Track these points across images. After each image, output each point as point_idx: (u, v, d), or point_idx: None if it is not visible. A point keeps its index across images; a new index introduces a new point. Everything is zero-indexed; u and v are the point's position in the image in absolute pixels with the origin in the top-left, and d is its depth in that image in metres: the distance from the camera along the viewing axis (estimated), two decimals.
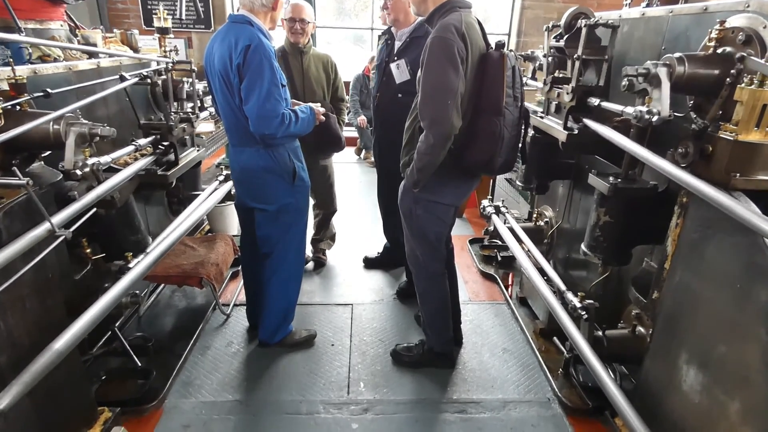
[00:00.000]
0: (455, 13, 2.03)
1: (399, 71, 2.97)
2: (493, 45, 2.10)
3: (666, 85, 1.69)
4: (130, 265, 2.17)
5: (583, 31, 2.22)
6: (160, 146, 2.57)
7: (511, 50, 2.18)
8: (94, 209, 1.88)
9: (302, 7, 3.12)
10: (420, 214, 2.35)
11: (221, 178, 3.28)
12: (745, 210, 1.38)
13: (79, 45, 2.63)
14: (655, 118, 1.73)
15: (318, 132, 2.63)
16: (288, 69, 3.20)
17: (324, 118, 2.61)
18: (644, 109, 1.75)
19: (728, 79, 1.61)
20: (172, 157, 2.60)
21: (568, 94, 2.32)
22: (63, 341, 1.58)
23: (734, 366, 1.56)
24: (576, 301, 2.22)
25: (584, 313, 2.16)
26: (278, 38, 3.04)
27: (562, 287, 2.36)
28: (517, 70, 2.14)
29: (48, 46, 2.37)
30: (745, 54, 1.54)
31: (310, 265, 3.80)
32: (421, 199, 2.31)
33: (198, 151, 2.91)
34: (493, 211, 3.30)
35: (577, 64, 2.25)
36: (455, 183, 2.33)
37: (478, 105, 2.11)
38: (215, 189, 3.14)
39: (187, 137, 2.80)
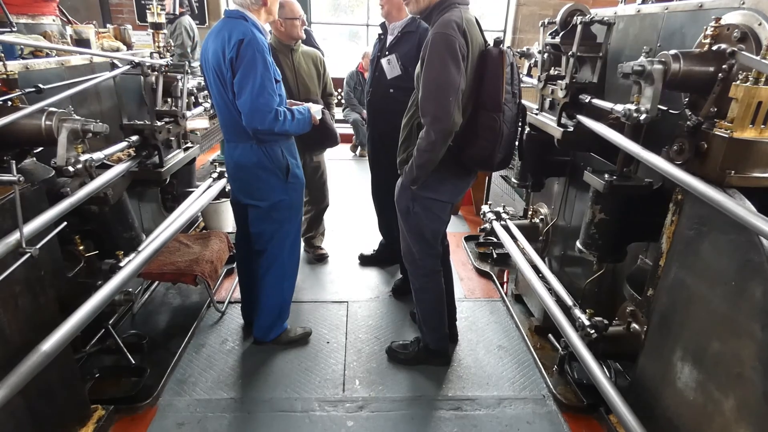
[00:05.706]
0: (455, 9, 2.02)
1: (390, 66, 2.95)
2: (490, 42, 2.10)
3: (658, 83, 1.69)
4: (123, 263, 2.14)
5: (579, 28, 2.21)
6: (144, 150, 2.45)
7: (509, 48, 2.18)
8: (64, 223, 1.78)
9: (297, 5, 3.10)
10: (418, 211, 2.34)
11: (215, 174, 3.26)
12: (740, 207, 1.38)
13: (71, 45, 2.59)
14: (643, 117, 1.73)
15: (315, 128, 2.62)
16: (279, 67, 3.19)
17: (319, 122, 2.59)
18: (632, 107, 1.76)
19: (720, 75, 1.61)
20: (156, 160, 2.50)
21: (561, 90, 2.32)
22: (51, 342, 1.56)
23: (728, 363, 1.57)
24: (584, 318, 2.15)
25: (593, 331, 2.09)
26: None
27: (569, 302, 2.30)
28: (515, 67, 2.14)
29: (37, 47, 2.32)
30: (735, 49, 1.54)
31: (307, 260, 3.78)
32: (419, 197, 2.30)
33: (185, 152, 2.82)
34: (494, 217, 3.27)
35: (571, 60, 2.25)
36: (453, 180, 2.33)
37: (478, 101, 2.10)
38: (210, 186, 3.12)
39: (172, 138, 2.68)
